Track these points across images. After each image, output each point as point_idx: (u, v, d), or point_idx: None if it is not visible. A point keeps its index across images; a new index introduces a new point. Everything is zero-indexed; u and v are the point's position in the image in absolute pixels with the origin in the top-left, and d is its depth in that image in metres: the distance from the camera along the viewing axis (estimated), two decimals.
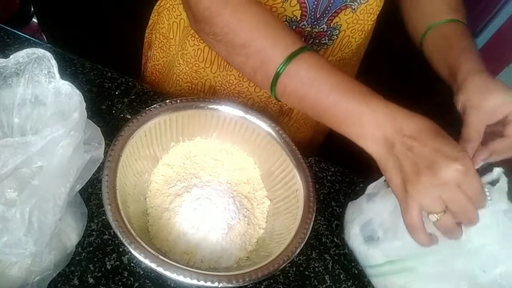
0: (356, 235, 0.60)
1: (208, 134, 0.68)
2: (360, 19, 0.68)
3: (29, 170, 0.43)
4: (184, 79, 0.80)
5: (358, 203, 0.62)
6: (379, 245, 0.56)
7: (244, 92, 0.77)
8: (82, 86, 0.74)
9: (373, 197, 0.59)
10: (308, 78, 0.52)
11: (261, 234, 0.61)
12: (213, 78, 0.77)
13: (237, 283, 0.49)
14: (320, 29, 0.67)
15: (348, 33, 0.69)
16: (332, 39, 0.69)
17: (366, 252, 0.59)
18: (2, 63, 0.47)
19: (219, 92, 0.79)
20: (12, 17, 1.45)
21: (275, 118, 0.80)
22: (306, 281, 0.62)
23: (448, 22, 0.66)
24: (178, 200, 0.59)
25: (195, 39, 0.73)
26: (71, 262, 0.56)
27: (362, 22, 0.69)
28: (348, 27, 0.68)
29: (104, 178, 0.53)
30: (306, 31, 0.67)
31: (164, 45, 0.82)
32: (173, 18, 0.76)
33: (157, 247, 0.56)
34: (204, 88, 0.80)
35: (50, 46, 0.78)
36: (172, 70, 0.81)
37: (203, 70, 0.77)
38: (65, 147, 0.43)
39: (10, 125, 0.50)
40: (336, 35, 0.69)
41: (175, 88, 0.83)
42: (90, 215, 0.60)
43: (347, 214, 0.63)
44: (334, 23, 0.67)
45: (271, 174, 0.66)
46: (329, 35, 0.69)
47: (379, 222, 0.56)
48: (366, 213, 0.58)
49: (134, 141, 0.59)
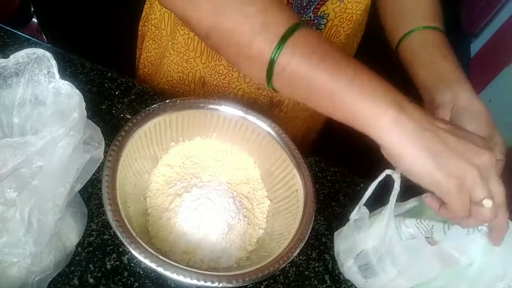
0: (350, 268, 0.59)
1: (208, 134, 0.68)
2: (348, 8, 0.68)
3: (29, 170, 0.43)
4: (175, 69, 0.80)
5: (345, 234, 0.60)
6: (377, 275, 0.55)
7: (234, 83, 0.77)
8: (82, 86, 0.73)
9: (360, 226, 0.57)
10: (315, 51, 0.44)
11: (261, 234, 0.61)
12: (203, 69, 0.77)
13: (237, 283, 0.49)
14: (307, 17, 0.67)
15: (336, 22, 0.69)
16: (320, 28, 0.69)
17: (365, 284, 0.58)
18: (2, 63, 0.47)
19: (209, 83, 0.79)
20: (12, 17, 1.45)
21: (266, 110, 0.80)
22: (306, 281, 0.62)
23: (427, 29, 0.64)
24: (178, 200, 0.59)
25: (185, 28, 0.73)
26: (71, 262, 0.56)
27: (351, 11, 0.68)
28: (336, 16, 0.68)
29: (104, 178, 0.53)
30: None
31: (156, 36, 0.82)
32: (164, 8, 0.76)
33: (157, 247, 0.56)
34: (195, 79, 0.80)
35: (50, 46, 0.78)
36: (163, 60, 0.82)
37: (193, 60, 0.77)
38: (64, 147, 0.43)
39: (10, 125, 0.50)
40: (324, 24, 0.69)
41: (166, 78, 0.83)
42: (90, 215, 0.60)
43: (336, 245, 0.62)
44: (321, 12, 0.67)
45: (271, 174, 0.66)
46: (317, 24, 0.68)
47: (373, 252, 0.55)
48: (358, 245, 0.56)
49: (134, 141, 0.59)
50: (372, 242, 0.55)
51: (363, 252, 0.56)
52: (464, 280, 0.48)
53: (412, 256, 0.51)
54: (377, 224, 0.54)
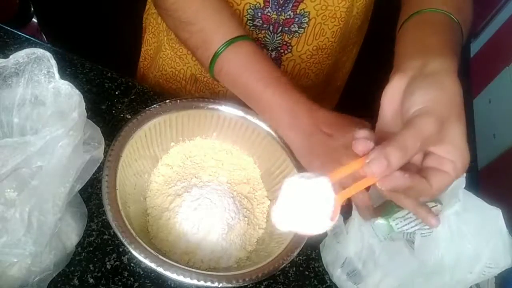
0: (339, 277, 0.59)
1: (208, 134, 0.68)
2: (330, 5, 0.67)
3: (29, 170, 0.43)
4: (168, 64, 0.81)
5: (328, 245, 0.61)
6: (365, 279, 0.56)
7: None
8: (82, 86, 0.73)
9: (338, 234, 0.58)
10: (242, 64, 0.58)
11: (261, 234, 0.61)
12: (194, 66, 0.79)
13: (237, 283, 0.49)
14: (287, 16, 0.68)
15: (319, 21, 0.69)
16: (303, 27, 0.69)
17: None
18: (2, 63, 0.47)
19: (200, 81, 0.80)
20: (12, 17, 1.45)
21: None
22: (306, 281, 0.62)
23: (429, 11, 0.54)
24: (178, 200, 0.59)
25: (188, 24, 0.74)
26: (71, 262, 0.56)
27: (333, 8, 0.68)
28: (318, 14, 0.68)
29: (104, 178, 0.53)
30: (273, 18, 0.68)
31: (156, 29, 0.83)
32: None
33: (157, 247, 0.56)
34: (186, 76, 0.81)
35: (50, 46, 0.78)
36: (159, 54, 0.83)
37: (185, 56, 0.78)
38: (64, 147, 0.43)
39: (10, 125, 0.50)
40: (307, 23, 0.69)
41: (161, 72, 0.84)
42: (90, 215, 0.60)
43: (323, 257, 0.63)
44: (301, 10, 0.67)
45: (271, 174, 0.66)
46: (298, 22, 0.69)
47: (356, 258, 0.55)
48: (340, 253, 0.57)
49: (134, 141, 0.59)
50: (353, 248, 0.55)
51: (347, 259, 0.57)
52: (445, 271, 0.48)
53: (390, 255, 0.52)
54: (352, 229, 0.55)
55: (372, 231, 0.53)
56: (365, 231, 0.53)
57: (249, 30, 0.70)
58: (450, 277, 0.49)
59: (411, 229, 0.53)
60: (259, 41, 0.72)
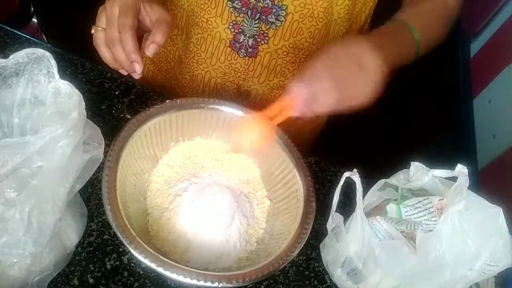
0: (340, 276, 0.59)
1: (208, 134, 0.68)
2: (308, 3, 0.69)
3: (29, 170, 0.43)
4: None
5: (328, 245, 0.61)
6: (365, 279, 0.56)
7: (202, 64, 0.79)
8: (82, 86, 0.73)
9: (338, 234, 0.58)
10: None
11: (261, 234, 0.61)
12: (182, 47, 0.81)
13: (237, 283, 0.49)
14: (265, 4, 0.69)
15: (296, 18, 0.70)
16: (280, 19, 0.71)
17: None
18: (2, 63, 0.47)
19: (184, 62, 0.82)
20: (12, 17, 1.44)
21: (234, 99, 0.80)
22: (306, 281, 0.62)
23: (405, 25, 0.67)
24: (178, 200, 0.59)
25: (173, 3, 0.76)
26: (71, 262, 0.56)
27: (310, 7, 0.69)
28: (296, 11, 0.69)
29: (104, 178, 0.53)
30: (251, 2, 0.70)
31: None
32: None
33: (157, 247, 0.56)
34: (174, 57, 0.85)
35: (50, 46, 0.78)
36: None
37: (175, 37, 0.81)
38: (64, 147, 0.43)
39: (10, 125, 0.50)
40: (284, 17, 0.70)
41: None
42: (90, 215, 0.60)
43: (323, 257, 0.63)
44: (279, 1, 0.69)
45: (271, 174, 0.66)
46: (276, 14, 0.70)
47: (356, 257, 0.56)
48: (340, 253, 0.57)
49: (134, 141, 0.59)
50: (353, 247, 0.55)
51: (347, 259, 0.57)
52: (446, 267, 0.49)
53: (390, 254, 0.52)
54: (352, 229, 0.55)
55: (372, 230, 0.54)
56: (365, 229, 0.53)
57: (229, 11, 0.71)
58: (450, 274, 0.49)
59: (418, 219, 0.53)
60: (237, 25, 0.73)
